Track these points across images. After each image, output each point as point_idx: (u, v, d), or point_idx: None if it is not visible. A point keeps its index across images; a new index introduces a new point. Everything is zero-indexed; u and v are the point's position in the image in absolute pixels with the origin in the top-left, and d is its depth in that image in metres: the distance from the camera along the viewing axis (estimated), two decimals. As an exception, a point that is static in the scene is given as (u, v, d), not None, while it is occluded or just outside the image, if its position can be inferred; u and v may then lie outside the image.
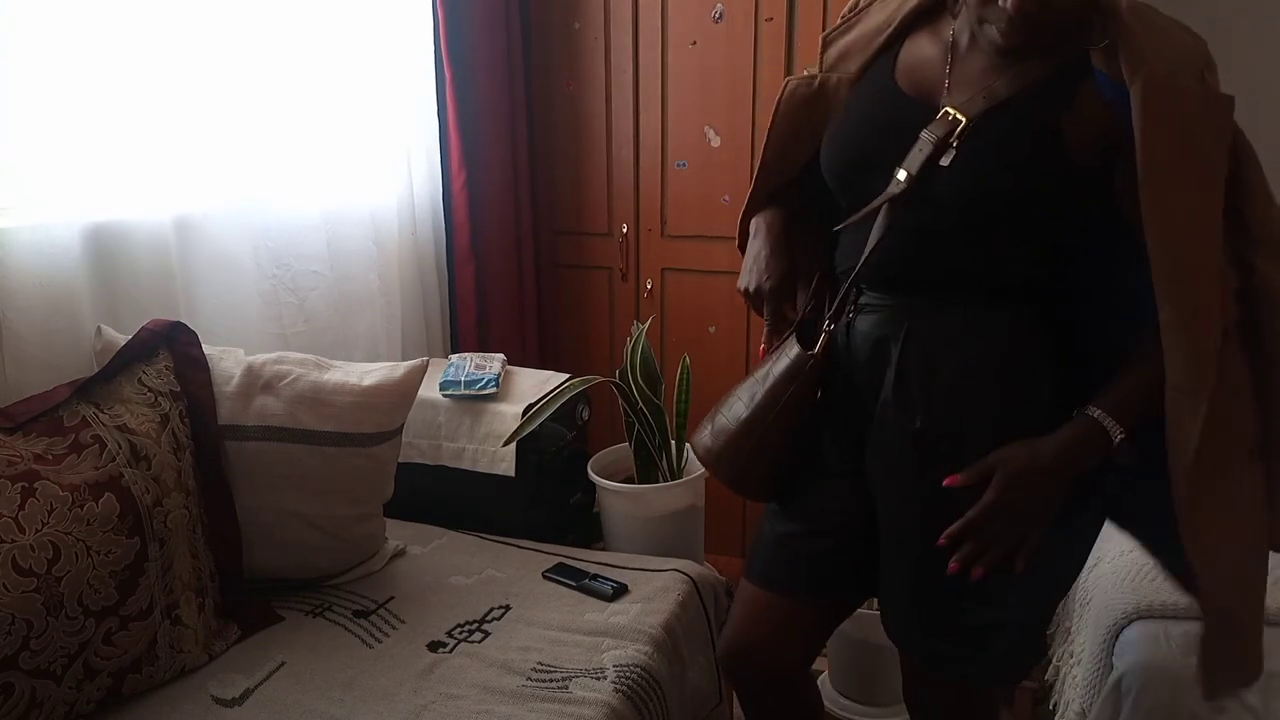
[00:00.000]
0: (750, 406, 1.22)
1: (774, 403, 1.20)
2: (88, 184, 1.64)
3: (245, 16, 1.90)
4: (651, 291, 2.75)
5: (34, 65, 1.54)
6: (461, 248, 2.55)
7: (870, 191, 1.11)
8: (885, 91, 1.15)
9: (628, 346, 2.24)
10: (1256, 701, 1.43)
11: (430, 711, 1.32)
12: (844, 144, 1.17)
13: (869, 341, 1.16)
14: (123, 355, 1.53)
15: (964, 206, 1.06)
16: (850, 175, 1.16)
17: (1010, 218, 1.06)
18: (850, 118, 1.17)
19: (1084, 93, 1.03)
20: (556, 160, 2.79)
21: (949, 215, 1.07)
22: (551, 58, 2.73)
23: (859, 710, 2.09)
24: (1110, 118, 1.01)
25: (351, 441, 1.64)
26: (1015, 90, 1.05)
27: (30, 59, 1.54)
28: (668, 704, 1.48)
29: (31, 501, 1.27)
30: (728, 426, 1.25)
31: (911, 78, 1.13)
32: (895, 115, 1.12)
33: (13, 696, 1.19)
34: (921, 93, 1.12)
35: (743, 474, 1.27)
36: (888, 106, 1.14)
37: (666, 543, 2.06)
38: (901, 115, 1.11)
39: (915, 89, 1.13)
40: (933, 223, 1.09)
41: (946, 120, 1.06)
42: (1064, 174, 1.03)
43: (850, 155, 1.17)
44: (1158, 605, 1.54)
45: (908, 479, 1.15)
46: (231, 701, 1.35)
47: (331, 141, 2.16)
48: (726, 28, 2.51)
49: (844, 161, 1.17)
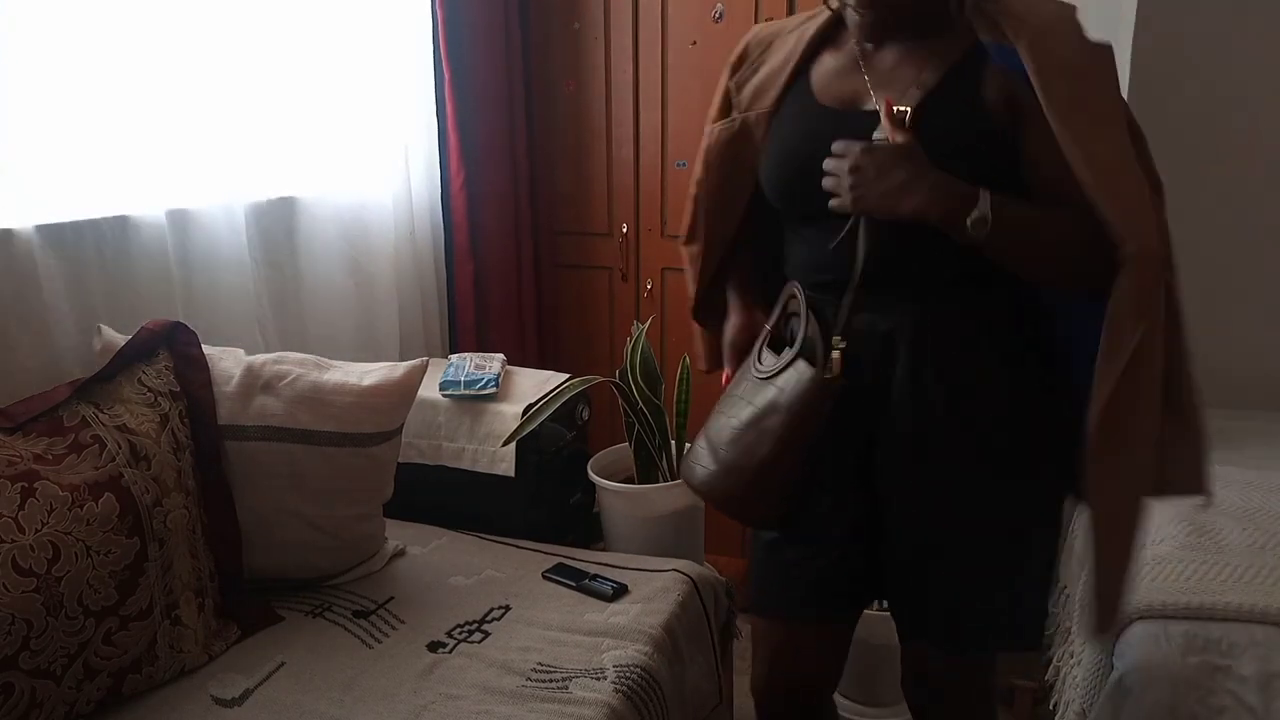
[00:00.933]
0: (772, 441, 1.16)
1: (800, 433, 1.14)
2: (88, 182, 1.65)
3: (247, 18, 1.91)
4: (651, 291, 2.75)
5: (44, 67, 1.56)
6: (460, 247, 2.55)
7: (818, 203, 1.13)
8: (810, 109, 1.20)
9: (628, 346, 2.24)
10: (1256, 701, 1.43)
11: (430, 712, 1.32)
12: (783, 161, 1.21)
13: (875, 340, 1.17)
14: (122, 355, 1.53)
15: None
16: (796, 189, 1.20)
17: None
18: (784, 140, 1.22)
19: (989, 69, 1.09)
20: (556, 160, 2.79)
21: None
22: (551, 58, 2.73)
23: (859, 710, 2.09)
24: (1014, 83, 1.06)
25: (351, 441, 1.64)
26: (940, 76, 1.10)
27: (45, 62, 1.56)
28: (667, 704, 1.48)
29: (31, 501, 1.27)
30: (741, 463, 1.18)
31: (830, 92, 1.19)
32: (826, 127, 1.15)
33: (13, 696, 1.19)
34: (845, 102, 1.17)
35: (765, 509, 1.23)
36: (816, 121, 1.18)
37: (666, 543, 2.06)
38: (832, 126, 1.15)
39: (838, 101, 1.18)
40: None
41: (893, 115, 1.08)
42: (999, 145, 1.09)
43: (790, 171, 1.20)
44: (1157, 605, 1.54)
45: (925, 470, 1.16)
46: (231, 702, 1.35)
47: (330, 141, 2.16)
48: (726, 28, 2.51)
49: (786, 178, 1.21)
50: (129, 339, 1.56)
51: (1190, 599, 1.54)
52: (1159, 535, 1.75)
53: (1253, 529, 1.78)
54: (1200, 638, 1.48)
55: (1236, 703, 1.44)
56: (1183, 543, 1.73)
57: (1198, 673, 1.46)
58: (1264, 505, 1.90)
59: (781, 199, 1.23)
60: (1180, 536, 1.75)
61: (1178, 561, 1.66)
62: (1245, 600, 1.52)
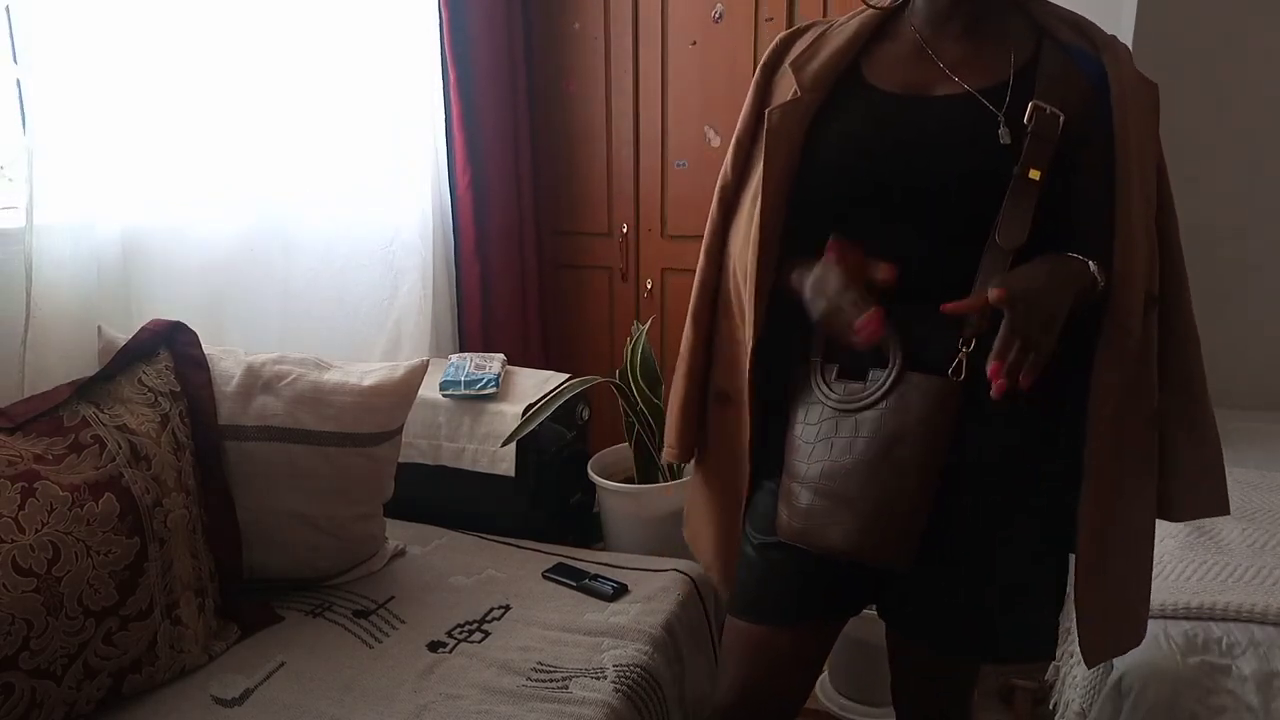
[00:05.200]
0: (916, 470, 1.03)
1: (941, 452, 1.03)
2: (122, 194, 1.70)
3: (259, 22, 1.93)
4: (651, 291, 2.75)
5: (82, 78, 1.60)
6: (467, 248, 2.56)
7: (871, 188, 1.09)
8: (873, 96, 1.14)
9: (628, 347, 2.24)
10: (1256, 701, 1.43)
11: (430, 711, 1.32)
12: (845, 146, 1.13)
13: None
14: (123, 355, 1.53)
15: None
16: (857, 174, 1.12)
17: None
18: (846, 125, 1.14)
19: (1064, 70, 1.07)
20: (557, 160, 2.80)
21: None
22: (552, 58, 2.73)
23: (859, 710, 2.09)
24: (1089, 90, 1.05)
25: (351, 441, 1.64)
26: (1017, 69, 1.08)
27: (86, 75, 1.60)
28: (667, 704, 1.48)
29: (31, 501, 1.27)
30: (888, 507, 1.04)
31: (895, 79, 1.14)
32: (892, 112, 1.12)
33: (13, 696, 1.19)
34: (912, 88, 1.13)
35: (913, 544, 1.06)
36: (882, 106, 1.13)
37: (666, 543, 2.06)
38: (899, 111, 1.11)
39: (903, 87, 1.13)
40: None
41: (1020, 103, 1.04)
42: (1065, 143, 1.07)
43: (852, 156, 1.13)
44: (1157, 605, 1.54)
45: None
46: (231, 702, 1.35)
47: (338, 142, 2.17)
48: (726, 28, 2.51)
49: (850, 162, 1.12)
50: (129, 339, 1.56)
51: (1190, 599, 1.54)
52: (1159, 535, 1.75)
53: (1253, 529, 1.78)
54: (1200, 638, 1.49)
55: (1236, 703, 1.44)
56: (1183, 543, 1.73)
57: (1198, 673, 1.46)
58: (1264, 505, 1.90)
59: (836, 187, 1.13)
60: (1180, 536, 1.75)
61: (1178, 561, 1.67)
62: (1245, 600, 1.52)
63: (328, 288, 2.15)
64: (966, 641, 1.17)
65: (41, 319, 1.53)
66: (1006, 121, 1.04)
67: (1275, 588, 1.57)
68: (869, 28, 1.18)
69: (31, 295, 1.52)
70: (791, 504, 1.10)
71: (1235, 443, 2.10)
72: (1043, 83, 1.06)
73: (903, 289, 1.06)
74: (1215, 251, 2.39)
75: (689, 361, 1.29)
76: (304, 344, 2.03)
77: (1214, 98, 2.43)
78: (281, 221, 2.03)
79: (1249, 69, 2.41)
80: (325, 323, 2.15)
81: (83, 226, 1.60)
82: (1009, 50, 1.09)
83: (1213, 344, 1.21)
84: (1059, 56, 1.08)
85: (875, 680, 2.08)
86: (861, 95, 1.15)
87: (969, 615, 1.14)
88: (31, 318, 1.52)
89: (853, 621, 1.47)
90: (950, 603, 1.14)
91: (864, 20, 1.19)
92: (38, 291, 1.53)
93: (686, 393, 1.30)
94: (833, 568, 1.14)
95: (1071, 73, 1.07)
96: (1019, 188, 1.02)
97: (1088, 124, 1.05)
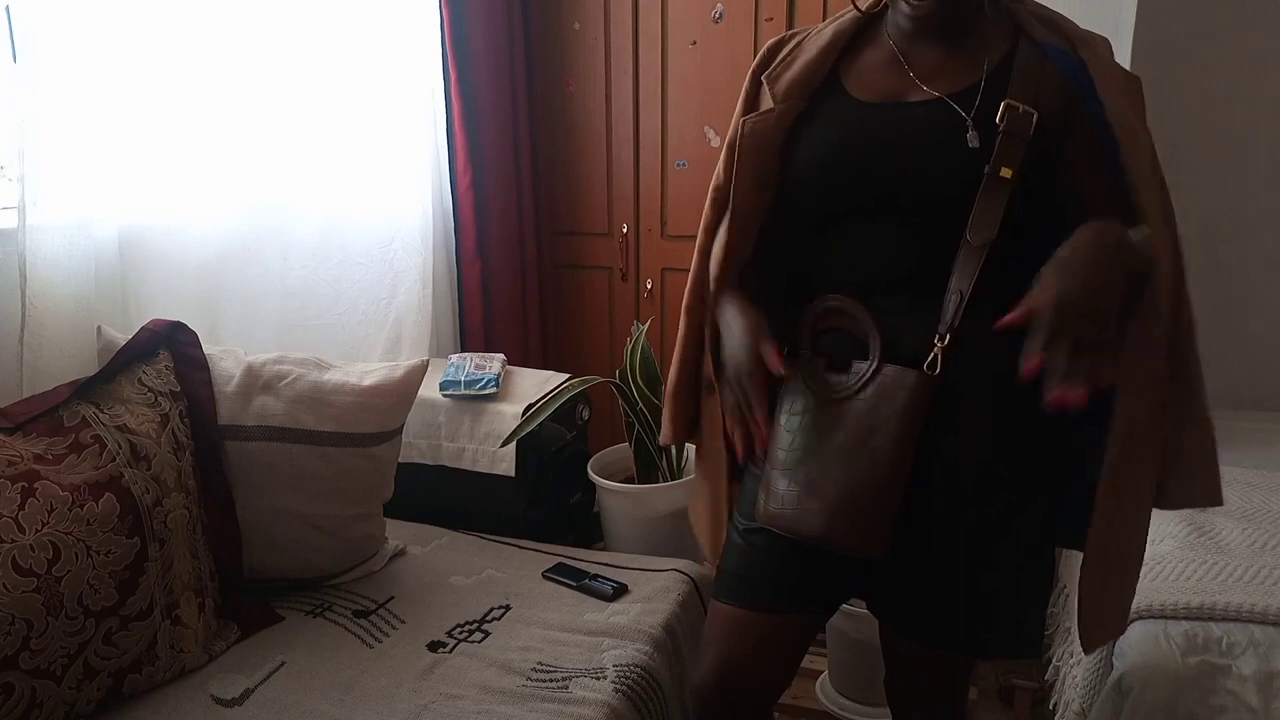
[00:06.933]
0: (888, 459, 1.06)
1: (913, 441, 1.06)
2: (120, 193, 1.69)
3: (262, 24, 1.94)
4: (651, 292, 2.75)
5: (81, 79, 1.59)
6: (468, 248, 2.56)
7: (852, 200, 1.12)
8: (848, 105, 1.17)
9: (628, 347, 2.24)
10: (1256, 701, 1.43)
11: (430, 711, 1.32)
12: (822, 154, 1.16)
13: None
14: (123, 355, 1.53)
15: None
16: (835, 182, 1.15)
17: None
18: (823, 134, 1.17)
19: (1038, 69, 1.08)
20: (557, 160, 2.80)
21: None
22: (552, 58, 2.73)
23: (859, 710, 2.09)
24: (1067, 85, 1.06)
25: (351, 441, 1.64)
26: (989, 71, 1.09)
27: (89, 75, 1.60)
28: (667, 704, 1.48)
29: (31, 501, 1.27)
30: (858, 494, 1.07)
31: (869, 88, 1.17)
32: (868, 121, 1.14)
33: (13, 696, 1.19)
34: (886, 96, 1.15)
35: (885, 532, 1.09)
36: (858, 115, 1.16)
37: (666, 543, 2.06)
38: (874, 119, 1.14)
39: (877, 95, 1.16)
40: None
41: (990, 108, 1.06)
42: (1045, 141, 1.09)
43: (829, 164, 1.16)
44: (1157, 605, 1.54)
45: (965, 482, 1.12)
46: (231, 701, 1.35)
47: (341, 143, 2.18)
48: (726, 28, 2.51)
49: (825, 171, 1.16)
50: (129, 339, 1.56)
51: (1190, 599, 1.54)
52: (1159, 535, 1.75)
53: (1253, 529, 1.78)
54: (1200, 638, 1.49)
55: (1236, 703, 1.44)
56: (1183, 543, 1.73)
57: (1198, 673, 1.46)
58: (1264, 505, 1.90)
59: (814, 193, 1.17)
60: (1180, 536, 1.75)
61: (1178, 561, 1.67)
62: (1245, 600, 1.52)
63: (327, 287, 2.16)
64: (953, 637, 1.18)
65: (38, 318, 1.53)
66: (979, 123, 1.06)
67: (1275, 588, 1.57)
68: (845, 35, 1.20)
69: (27, 294, 1.52)
70: (770, 490, 1.14)
71: (1235, 443, 2.10)
72: (1016, 82, 1.08)
73: (883, 282, 1.11)
74: (1215, 251, 2.40)
75: (681, 349, 1.34)
76: (303, 343, 2.03)
77: (1214, 97, 2.43)
78: (280, 220, 2.03)
79: (1249, 69, 2.41)
80: (324, 322, 2.16)
81: (80, 225, 1.60)
82: (984, 54, 1.11)
83: (1213, 344, 1.21)
84: (1033, 54, 1.10)
85: (875, 680, 2.07)
86: (839, 104, 1.18)
87: (955, 611, 1.15)
88: (28, 317, 1.52)
89: (853, 621, 1.47)
90: (936, 598, 1.16)
91: (840, 27, 1.21)
92: (34, 291, 1.52)
93: (677, 378, 1.35)
94: (814, 556, 1.15)
95: (1046, 69, 1.08)
96: (991, 186, 1.05)
97: (1067, 118, 1.07)
